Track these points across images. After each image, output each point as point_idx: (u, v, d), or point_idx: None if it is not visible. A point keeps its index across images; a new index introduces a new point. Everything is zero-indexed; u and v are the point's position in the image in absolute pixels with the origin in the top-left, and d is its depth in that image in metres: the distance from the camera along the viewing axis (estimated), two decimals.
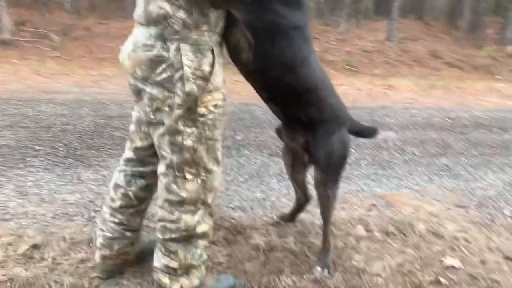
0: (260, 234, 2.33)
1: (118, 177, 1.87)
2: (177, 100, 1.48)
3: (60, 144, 3.56)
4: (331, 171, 1.98)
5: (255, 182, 3.11)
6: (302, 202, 2.41)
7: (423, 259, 2.21)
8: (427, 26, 15.97)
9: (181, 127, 1.52)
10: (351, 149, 2.17)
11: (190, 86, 1.47)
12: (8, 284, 1.77)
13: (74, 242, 2.13)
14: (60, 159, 3.25)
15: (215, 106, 1.56)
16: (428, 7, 17.98)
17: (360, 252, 2.24)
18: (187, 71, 1.46)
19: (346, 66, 11.14)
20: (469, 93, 8.43)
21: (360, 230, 2.46)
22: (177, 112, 1.50)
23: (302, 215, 2.51)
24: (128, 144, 1.85)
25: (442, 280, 2.05)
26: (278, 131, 2.18)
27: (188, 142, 1.54)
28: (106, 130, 3.99)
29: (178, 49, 1.46)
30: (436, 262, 2.20)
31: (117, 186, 1.87)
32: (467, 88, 9.05)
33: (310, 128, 1.96)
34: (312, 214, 2.54)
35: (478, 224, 2.68)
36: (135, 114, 1.79)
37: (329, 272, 2.00)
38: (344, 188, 2.98)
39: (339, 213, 2.61)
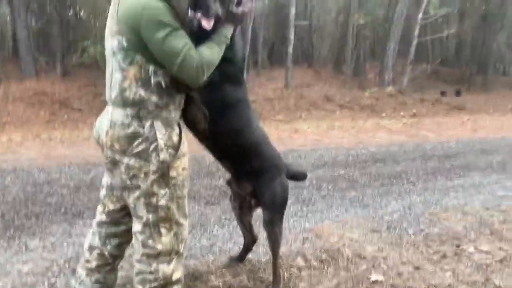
0: (216, 276, 2.61)
1: (92, 239, 2.06)
2: (152, 167, 1.78)
3: None
4: (276, 211, 2.37)
5: (199, 231, 3.38)
6: (249, 243, 2.75)
7: (353, 278, 2.67)
8: (317, 73, 17.62)
9: (155, 190, 1.81)
10: None
11: (164, 155, 1.79)
12: None
13: None
14: (0, 231, 3.23)
15: (183, 169, 1.89)
16: (316, 56, 19.89)
17: (303, 280, 2.63)
18: (161, 143, 1.78)
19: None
20: (361, 131, 9.53)
21: (300, 261, 2.87)
22: (152, 177, 1.79)
23: (249, 255, 2.84)
24: (99, 208, 2.06)
25: None
26: (229, 182, 2.53)
27: (163, 202, 1.83)
28: (39, 197, 3.98)
29: (152, 126, 1.78)
30: (365, 278, 2.67)
31: (91, 248, 2.06)
32: (359, 127, 10.22)
33: (256, 177, 2.34)
34: (256, 253, 2.88)
35: (390, 244, 3.24)
36: (105, 181, 2.03)
37: None
38: None
39: (280, 248, 3.00)
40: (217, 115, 2.05)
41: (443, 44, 23.91)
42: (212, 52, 1.75)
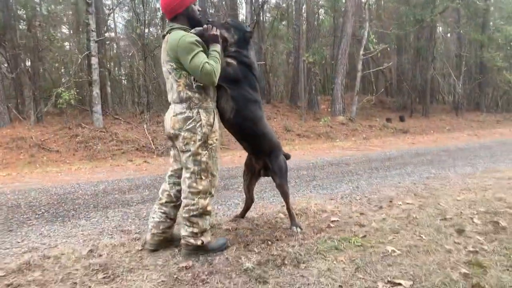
0: (227, 224, 3.75)
1: (164, 185, 3.23)
2: (198, 137, 2.97)
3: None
4: (283, 177, 3.55)
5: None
6: (249, 203, 3.91)
7: (319, 221, 3.87)
8: (275, 108, 19.16)
9: (200, 150, 2.98)
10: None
11: (205, 129, 2.98)
12: None
13: None
14: (52, 218, 4.22)
15: (216, 139, 3.08)
16: (274, 93, 21.55)
17: (285, 222, 3.81)
18: (203, 122, 2.97)
19: (222, 146, 13.05)
20: (319, 150, 10.93)
21: (281, 215, 4.05)
22: (198, 143, 2.97)
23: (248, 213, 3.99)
24: (170, 167, 3.20)
25: (331, 224, 3.72)
26: (249, 159, 3.68)
27: (204, 158, 3.00)
28: (67, 200, 4.97)
29: (198, 112, 2.98)
30: (326, 220, 3.87)
31: (163, 191, 3.21)
32: (317, 147, 11.62)
33: (267, 155, 3.51)
34: (253, 212, 4.04)
35: (343, 204, 4.49)
36: (172, 153, 3.18)
37: (300, 228, 3.57)
38: (264, 199, 4.58)
39: (268, 210, 4.19)
40: (240, 107, 3.17)
41: (385, 76, 26.39)
42: (214, 62, 2.94)
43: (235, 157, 9.86)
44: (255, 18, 17.15)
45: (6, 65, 16.04)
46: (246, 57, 3.26)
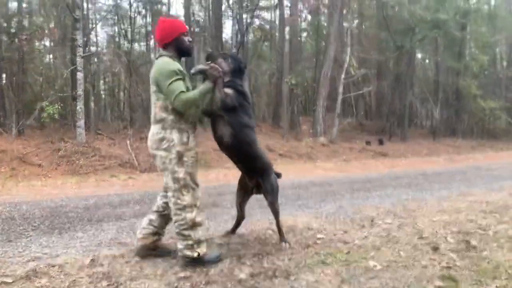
0: (219, 239, 3.96)
1: (158, 199, 3.45)
2: (173, 155, 3.19)
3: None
4: (274, 195, 3.80)
5: None
6: (240, 220, 4.14)
7: (306, 238, 4.11)
8: (258, 127, 19.40)
9: (176, 168, 3.20)
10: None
11: (178, 148, 3.21)
12: None
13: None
14: (49, 230, 4.35)
15: (192, 156, 3.30)
16: (256, 112, 21.90)
17: (274, 238, 4.04)
18: (176, 142, 3.20)
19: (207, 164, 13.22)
20: (301, 170, 11.24)
21: (270, 231, 4.29)
22: (174, 161, 3.20)
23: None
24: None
25: (318, 241, 3.98)
26: (243, 177, 3.91)
27: (181, 175, 3.22)
28: (60, 213, 5.10)
29: (171, 133, 3.21)
30: (313, 237, 4.12)
31: (156, 201, 3.42)
32: (299, 168, 11.92)
33: (259, 174, 3.75)
34: (243, 228, 4.26)
35: (328, 223, 4.76)
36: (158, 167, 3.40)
37: (288, 243, 3.81)
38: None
39: (257, 226, 4.42)
40: (236, 132, 3.43)
41: (365, 100, 27.15)
42: (196, 95, 3.16)
43: (220, 175, 10.08)
44: (240, 38, 17.54)
45: None
46: (241, 86, 3.56)
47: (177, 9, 49.18)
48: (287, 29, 20.80)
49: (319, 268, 3.24)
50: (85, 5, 18.97)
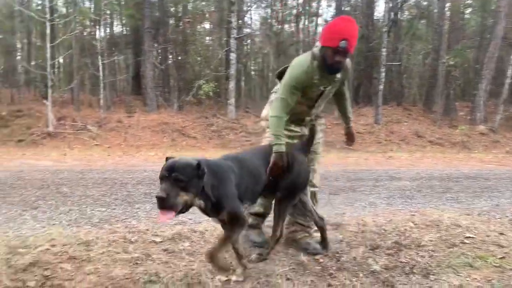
0: (354, 226, 3.83)
1: None
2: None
3: None
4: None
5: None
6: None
7: (452, 235, 3.71)
8: (407, 111, 18.28)
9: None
10: None
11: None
12: None
13: None
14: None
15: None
16: (406, 95, 20.63)
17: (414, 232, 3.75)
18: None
19: (345, 146, 12.99)
20: (453, 160, 10.26)
21: (411, 223, 3.99)
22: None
23: None
24: None
25: (466, 240, 3.57)
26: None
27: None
28: None
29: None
30: (460, 235, 3.70)
31: None
32: (451, 157, 10.91)
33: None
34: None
35: (481, 221, 4.23)
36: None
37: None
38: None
39: (396, 217, 4.17)
40: None
41: None
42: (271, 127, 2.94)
43: (360, 159, 9.79)
44: (392, 17, 16.52)
45: (158, 58, 17.96)
46: None
47: None
48: (447, 4, 18.89)
49: (465, 271, 2.90)
50: None
